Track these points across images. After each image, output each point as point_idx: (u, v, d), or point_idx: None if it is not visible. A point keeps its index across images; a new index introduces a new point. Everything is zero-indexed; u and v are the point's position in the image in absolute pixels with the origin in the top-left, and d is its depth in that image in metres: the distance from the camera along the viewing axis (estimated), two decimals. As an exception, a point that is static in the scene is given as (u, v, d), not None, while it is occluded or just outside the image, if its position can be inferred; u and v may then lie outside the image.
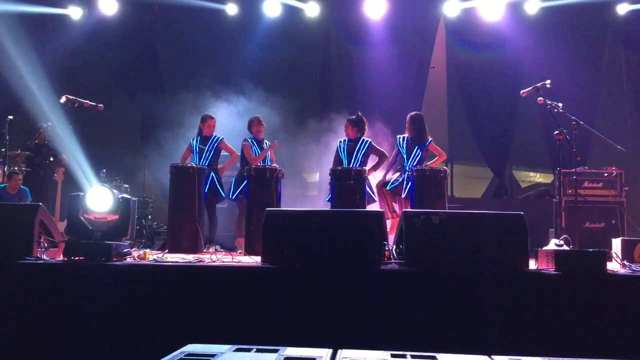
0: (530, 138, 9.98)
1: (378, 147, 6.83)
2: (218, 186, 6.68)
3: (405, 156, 6.69)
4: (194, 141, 6.87)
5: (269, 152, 6.95)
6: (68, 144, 7.23)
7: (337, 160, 6.77)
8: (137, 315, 3.88)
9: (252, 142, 6.91)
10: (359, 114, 6.93)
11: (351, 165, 6.60)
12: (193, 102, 8.56)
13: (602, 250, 4.10)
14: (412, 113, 6.93)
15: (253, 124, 6.96)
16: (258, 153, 6.85)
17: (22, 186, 7.28)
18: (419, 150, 6.66)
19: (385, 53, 9.43)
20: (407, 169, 6.53)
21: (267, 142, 7.01)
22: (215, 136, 6.90)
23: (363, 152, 6.69)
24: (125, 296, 3.92)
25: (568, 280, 3.83)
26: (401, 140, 6.77)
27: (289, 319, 3.78)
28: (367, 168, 6.53)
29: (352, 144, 6.75)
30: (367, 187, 6.54)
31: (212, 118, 6.96)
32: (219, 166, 6.97)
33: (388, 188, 6.68)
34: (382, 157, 6.78)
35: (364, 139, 6.77)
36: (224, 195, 6.80)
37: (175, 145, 8.19)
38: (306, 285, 3.87)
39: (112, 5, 9.37)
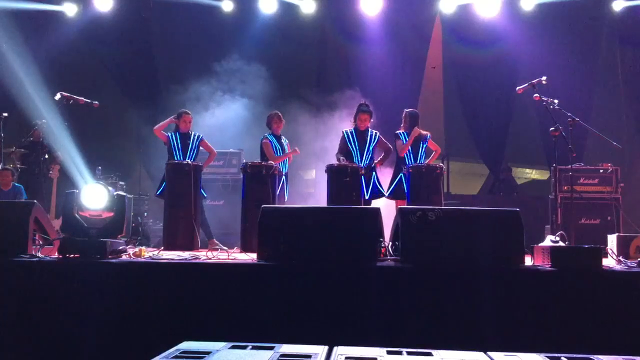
0: (526, 134, 10.00)
1: (385, 141, 6.77)
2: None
3: (411, 153, 6.60)
4: (172, 136, 6.70)
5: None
6: (63, 141, 7.20)
7: (346, 150, 6.58)
8: (133, 313, 3.87)
9: (271, 139, 6.75)
10: (366, 102, 6.83)
11: (363, 157, 6.54)
12: (188, 98, 8.54)
13: (597, 246, 4.10)
14: (410, 109, 6.87)
15: (273, 120, 6.82)
16: (279, 149, 6.74)
17: (16, 184, 7.24)
18: (423, 147, 6.63)
19: (381, 50, 9.43)
20: (406, 167, 6.50)
21: (285, 139, 6.90)
22: (195, 134, 6.80)
23: (374, 144, 6.63)
24: (120, 294, 3.91)
25: (564, 277, 3.83)
26: (404, 137, 6.68)
27: (284, 316, 3.77)
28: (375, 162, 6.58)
29: (361, 134, 6.62)
30: (376, 181, 6.53)
31: (188, 114, 6.84)
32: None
33: (387, 196, 6.64)
34: (388, 151, 6.76)
35: (372, 131, 6.67)
36: (205, 195, 6.76)
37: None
38: (302, 282, 3.87)
39: (107, 1, 9.34)
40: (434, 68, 9.99)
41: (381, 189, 6.57)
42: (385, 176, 6.87)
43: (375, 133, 6.69)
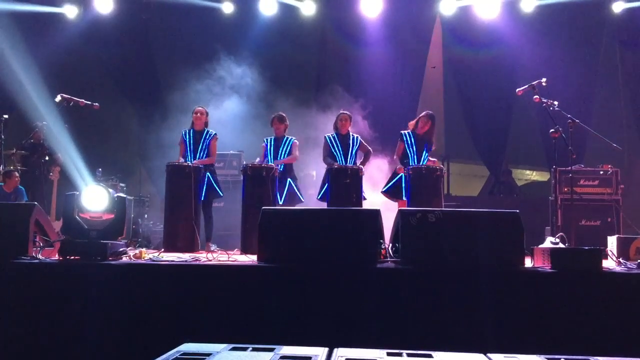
0: (526, 136, 10.00)
1: (365, 144, 6.84)
2: (215, 184, 6.63)
3: (415, 154, 6.60)
4: (187, 135, 6.69)
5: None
6: (63, 143, 7.21)
7: (330, 154, 6.66)
8: (133, 315, 3.87)
9: (267, 142, 6.76)
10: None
11: (347, 161, 6.59)
12: (188, 100, 8.54)
13: (597, 248, 4.10)
14: (430, 112, 6.80)
15: (272, 123, 6.83)
16: (271, 152, 6.69)
17: (18, 185, 7.27)
18: (426, 151, 6.62)
19: (381, 51, 9.44)
20: (405, 168, 6.50)
21: (290, 139, 6.79)
22: (208, 132, 6.72)
23: (356, 148, 6.69)
24: (121, 295, 3.91)
25: (564, 278, 3.83)
26: (408, 136, 6.68)
27: (285, 317, 3.77)
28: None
29: (343, 139, 6.68)
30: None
31: (200, 107, 6.80)
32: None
33: (383, 191, 6.66)
34: (368, 153, 6.81)
35: (353, 135, 6.75)
36: (221, 194, 6.75)
37: (172, 143, 8.17)
38: (302, 283, 3.87)
39: (107, 3, 9.35)
40: (434, 68, 9.99)
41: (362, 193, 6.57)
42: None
43: (357, 137, 6.76)
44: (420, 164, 6.54)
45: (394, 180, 6.60)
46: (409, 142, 6.65)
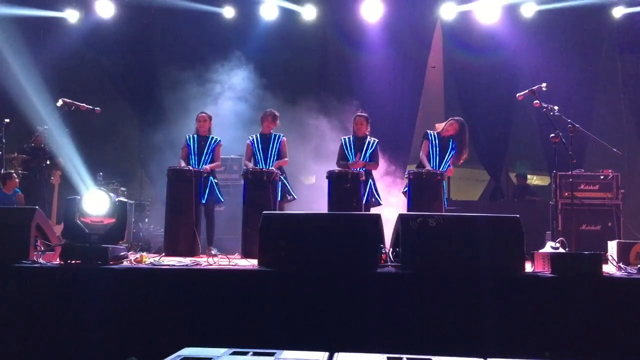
0: (526, 141, 10.01)
1: (378, 152, 6.73)
2: (217, 190, 6.65)
3: (437, 156, 6.57)
4: (191, 140, 6.74)
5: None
6: (64, 147, 7.24)
7: (344, 157, 6.64)
8: (134, 319, 3.87)
9: (253, 140, 6.75)
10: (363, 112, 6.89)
11: None
12: (189, 105, 8.55)
13: (598, 252, 4.10)
14: (459, 118, 6.78)
15: (264, 119, 6.80)
16: (259, 150, 6.70)
17: (17, 189, 7.29)
18: (450, 154, 6.59)
19: (382, 56, 9.46)
20: (406, 172, 6.51)
21: (278, 135, 6.75)
22: (213, 138, 6.77)
23: (371, 151, 6.63)
24: (121, 299, 3.92)
25: (564, 283, 3.84)
26: (432, 137, 6.64)
27: (285, 322, 3.78)
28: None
29: (359, 141, 6.65)
30: (374, 189, 6.52)
31: (202, 113, 6.84)
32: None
33: (404, 191, 6.65)
34: (377, 163, 6.74)
35: (370, 138, 6.69)
36: (222, 200, 6.77)
37: (172, 148, 8.18)
38: (303, 288, 3.87)
39: (109, 8, 9.37)
40: (434, 67, 9.99)
41: (377, 197, 6.56)
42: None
43: (374, 141, 6.67)
44: (440, 168, 6.53)
45: None
46: (433, 142, 6.60)
